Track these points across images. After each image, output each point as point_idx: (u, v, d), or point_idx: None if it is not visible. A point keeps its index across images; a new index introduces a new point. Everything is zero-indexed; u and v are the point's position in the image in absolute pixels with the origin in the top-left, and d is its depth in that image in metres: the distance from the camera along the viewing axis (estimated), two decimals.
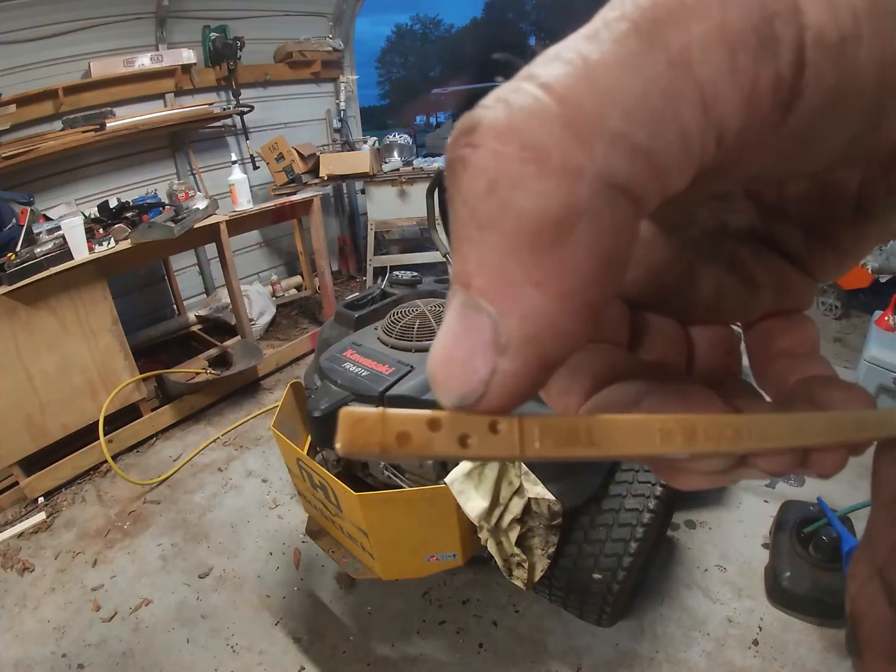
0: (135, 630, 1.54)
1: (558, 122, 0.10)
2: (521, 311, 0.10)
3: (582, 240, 0.10)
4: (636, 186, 0.10)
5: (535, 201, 0.10)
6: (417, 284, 1.78)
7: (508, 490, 1.08)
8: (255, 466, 2.21)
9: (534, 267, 0.10)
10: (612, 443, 0.12)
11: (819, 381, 0.17)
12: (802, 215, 0.17)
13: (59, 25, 2.78)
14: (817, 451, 0.15)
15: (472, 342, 0.11)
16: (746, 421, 0.14)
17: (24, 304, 1.95)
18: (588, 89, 0.10)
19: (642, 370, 0.17)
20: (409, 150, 4.17)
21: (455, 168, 0.11)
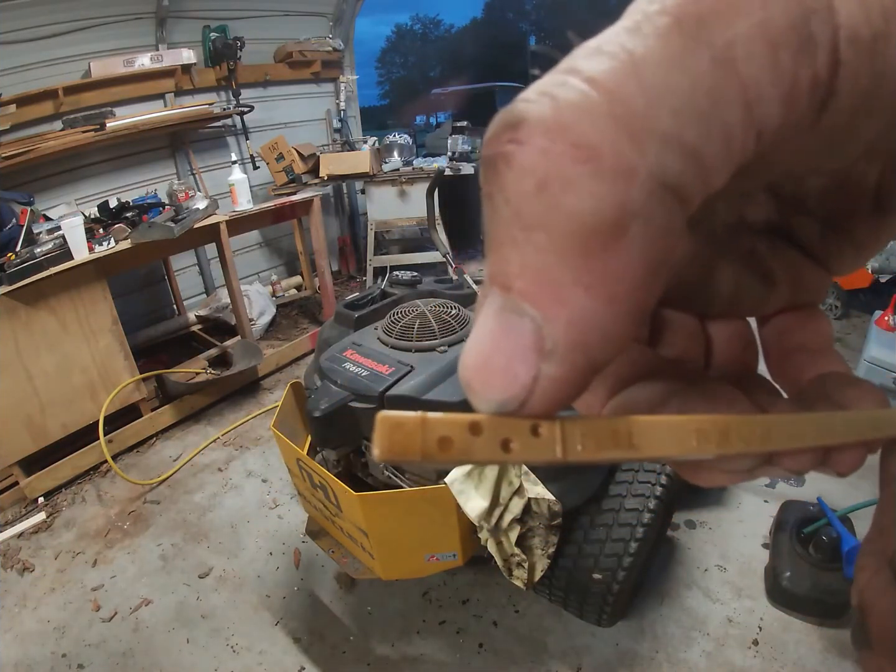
0: (135, 630, 1.54)
1: (609, 120, 0.10)
2: (569, 315, 0.10)
3: (634, 242, 0.10)
4: (686, 187, 0.10)
5: (589, 202, 0.10)
6: (417, 284, 1.78)
7: (508, 490, 1.08)
8: (255, 466, 2.21)
9: (584, 270, 0.10)
10: (650, 444, 0.12)
11: (834, 379, 0.17)
12: (821, 208, 0.17)
13: (59, 25, 2.78)
14: (838, 449, 0.15)
15: (513, 347, 0.11)
16: (775, 421, 0.14)
17: (24, 304, 1.95)
18: (636, 85, 0.10)
19: (663, 367, 0.17)
20: (409, 150, 4.17)
21: (497, 165, 0.10)
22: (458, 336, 1.29)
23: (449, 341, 1.28)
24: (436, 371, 1.17)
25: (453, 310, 1.39)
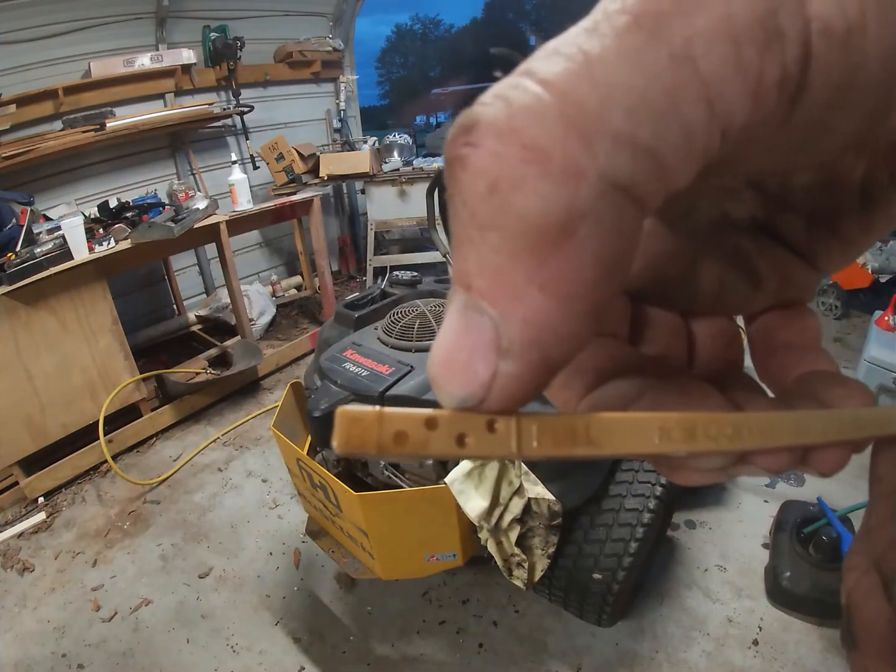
0: (135, 630, 1.54)
1: (559, 121, 0.10)
2: (524, 314, 0.10)
3: (585, 242, 0.10)
4: (640, 186, 0.10)
5: (538, 203, 0.10)
6: (417, 284, 1.78)
7: (508, 490, 1.08)
8: (255, 466, 2.21)
9: (536, 269, 0.10)
10: (610, 442, 0.12)
11: (820, 378, 0.17)
12: (807, 205, 0.17)
13: (59, 25, 2.78)
14: (818, 448, 0.15)
15: (473, 344, 0.11)
16: (746, 419, 0.14)
17: (24, 304, 1.95)
18: (589, 86, 0.10)
19: (643, 364, 0.17)
20: (409, 150, 4.17)
21: (454, 168, 0.11)
22: None
23: None
24: None
25: None
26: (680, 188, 0.11)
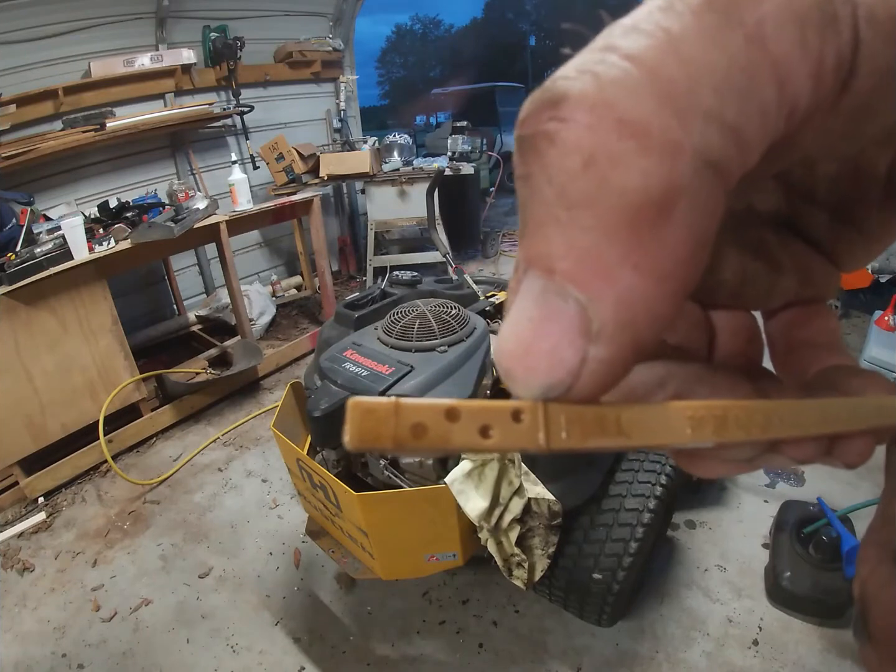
0: (135, 630, 1.54)
1: (653, 96, 0.10)
2: (617, 294, 0.10)
3: (682, 219, 0.10)
4: (727, 163, 0.10)
5: (638, 179, 0.10)
6: (417, 284, 1.78)
7: (508, 490, 1.08)
8: (255, 466, 2.21)
9: (632, 248, 0.10)
10: (641, 432, 0.11)
11: (839, 370, 0.17)
12: (831, 198, 0.17)
13: (59, 25, 2.78)
14: (844, 438, 0.15)
15: (557, 330, 0.10)
16: (776, 407, 0.13)
17: (24, 304, 1.95)
18: (676, 63, 0.10)
19: (665, 352, 0.17)
20: (409, 150, 4.18)
21: (537, 144, 0.10)
22: (458, 336, 1.29)
23: (449, 341, 1.28)
24: (436, 371, 1.17)
25: (453, 310, 1.39)
26: (752, 167, 0.11)
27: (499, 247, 4.84)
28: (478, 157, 4.94)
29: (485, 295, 2.07)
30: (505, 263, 4.50)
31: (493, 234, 4.96)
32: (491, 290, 2.16)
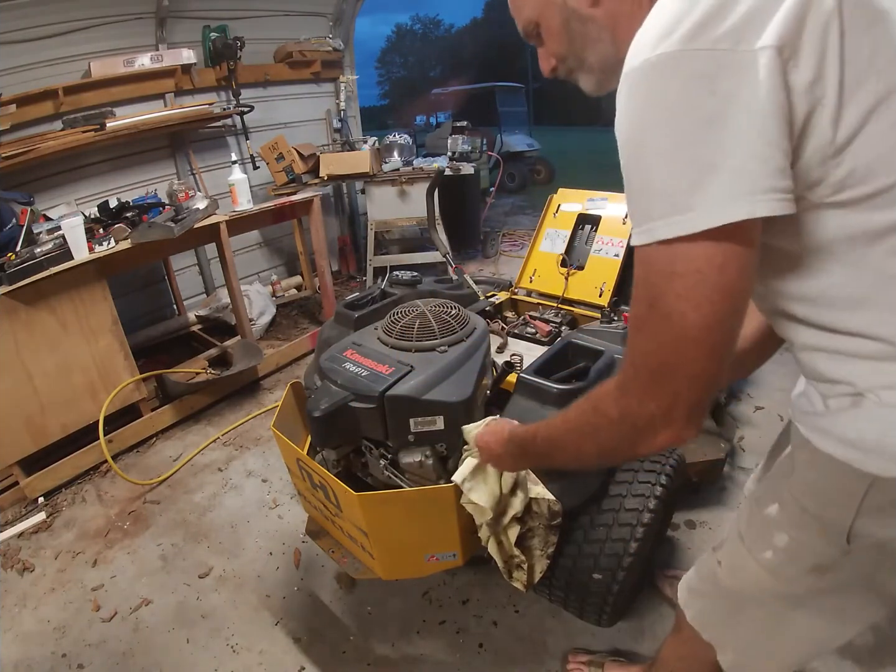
0: (135, 630, 1.54)
1: (488, 456, 0.98)
2: (489, 458, 0.99)
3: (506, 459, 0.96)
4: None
5: (485, 458, 1.02)
6: (417, 284, 1.78)
7: (509, 485, 1.07)
8: (255, 466, 2.21)
9: (496, 461, 0.99)
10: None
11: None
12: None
13: (59, 25, 2.78)
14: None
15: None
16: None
17: (24, 304, 1.95)
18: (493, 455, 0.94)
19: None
20: (409, 150, 4.17)
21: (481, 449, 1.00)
22: (458, 336, 1.29)
23: (449, 341, 1.28)
24: (436, 371, 1.17)
25: (453, 310, 1.39)
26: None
27: (499, 247, 4.84)
28: (478, 157, 4.94)
29: (485, 295, 2.07)
30: (505, 263, 4.50)
31: (493, 234, 4.96)
32: (491, 290, 2.16)
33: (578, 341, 1.36)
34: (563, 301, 2.05)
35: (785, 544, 0.68)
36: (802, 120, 0.47)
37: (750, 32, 0.45)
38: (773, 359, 0.90)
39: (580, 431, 0.66)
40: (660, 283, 0.50)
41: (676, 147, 0.47)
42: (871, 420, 0.55)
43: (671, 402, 0.53)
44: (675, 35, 0.46)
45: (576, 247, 2.18)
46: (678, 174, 0.48)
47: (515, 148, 8.22)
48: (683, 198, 0.47)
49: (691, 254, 0.48)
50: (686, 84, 0.46)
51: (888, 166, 0.48)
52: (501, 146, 8.03)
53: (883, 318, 0.53)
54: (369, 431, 1.20)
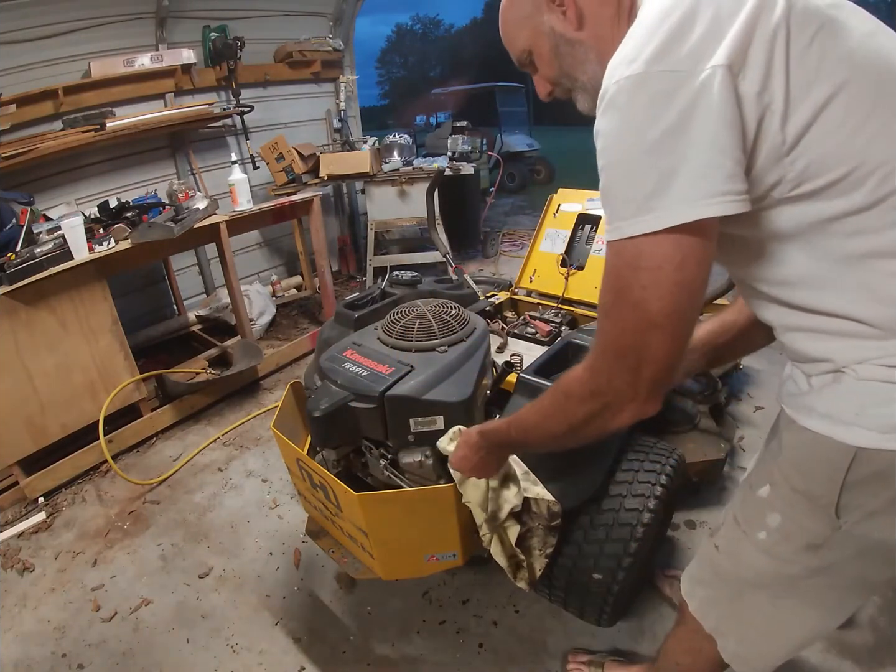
0: (135, 630, 1.54)
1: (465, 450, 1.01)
2: (469, 471, 1.02)
3: (482, 455, 0.98)
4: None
5: (458, 458, 1.02)
6: (417, 284, 1.78)
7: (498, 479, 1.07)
8: (255, 466, 2.21)
9: (468, 466, 1.01)
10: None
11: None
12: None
13: (59, 25, 2.78)
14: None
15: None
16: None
17: (24, 304, 1.95)
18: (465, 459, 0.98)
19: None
20: (409, 150, 4.17)
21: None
22: (458, 336, 1.29)
23: (449, 341, 1.28)
24: (436, 371, 1.17)
25: (453, 310, 1.39)
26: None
27: (499, 247, 4.84)
28: (478, 157, 4.94)
29: (485, 295, 2.07)
30: (505, 263, 4.50)
31: (493, 234, 4.96)
32: (491, 290, 2.16)
33: (578, 341, 1.36)
34: (563, 301, 2.05)
35: (778, 524, 0.70)
36: (755, 127, 0.53)
37: (704, 54, 0.51)
38: (773, 359, 0.91)
39: (552, 415, 0.73)
40: (626, 275, 0.56)
41: (641, 156, 0.53)
42: (850, 394, 0.59)
43: (635, 379, 0.60)
44: (639, 59, 0.53)
45: (576, 247, 2.18)
46: (643, 179, 0.54)
47: (515, 148, 8.23)
48: (647, 200, 0.53)
49: (654, 250, 0.54)
50: (650, 101, 0.52)
51: (838, 160, 0.53)
52: (501, 146, 8.03)
53: (848, 298, 0.57)
54: (369, 431, 1.20)
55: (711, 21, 0.52)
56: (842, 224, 0.55)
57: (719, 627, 0.85)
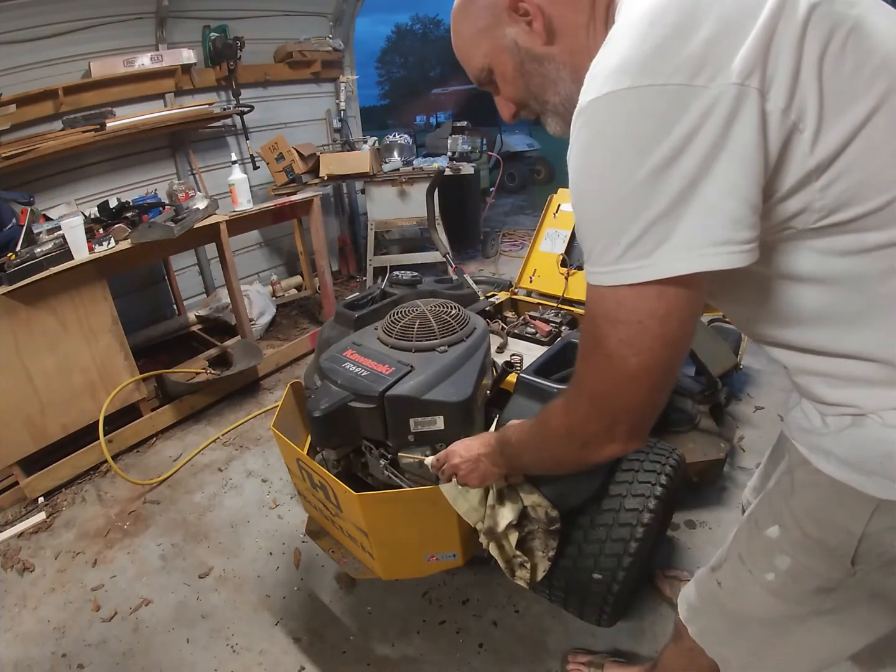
0: (135, 630, 1.54)
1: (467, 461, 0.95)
2: (478, 482, 0.96)
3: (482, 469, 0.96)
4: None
5: (462, 470, 0.96)
6: (417, 284, 1.78)
7: (494, 496, 1.07)
8: (255, 466, 2.21)
9: (472, 478, 0.95)
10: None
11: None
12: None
13: (59, 25, 2.78)
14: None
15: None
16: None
17: (24, 304, 1.95)
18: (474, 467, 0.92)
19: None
20: (409, 150, 4.17)
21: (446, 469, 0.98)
22: (458, 336, 1.29)
23: (449, 341, 1.27)
24: (436, 371, 1.17)
25: (453, 310, 1.39)
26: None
27: (499, 247, 4.84)
28: (478, 157, 4.94)
29: (485, 295, 2.07)
30: (505, 263, 4.50)
31: (493, 234, 4.96)
32: (491, 290, 2.16)
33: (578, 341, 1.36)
34: (563, 301, 2.05)
35: (787, 567, 0.66)
36: (777, 150, 0.44)
37: (712, 63, 0.41)
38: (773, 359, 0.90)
39: (537, 443, 0.72)
40: (604, 326, 0.51)
41: (625, 195, 0.45)
42: (874, 441, 0.53)
43: (611, 425, 0.56)
44: (624, 70, 0.43)
45: (576, 247, 2.18)
46: (626, 222, 0.45)
47: (515, 148, 8.22)
48: (631, 247, 0.45)
49: (635, 304, 0.48)
50: (638, 124, 0.43)
51: (877, 187, 0.45)
52: (501, 146, 8.02)
53: (879, 339, 0.50)
54: (369, 431, 1.20)
55: (718, 21, 0.42)
56: (874, 259, 0.47)
57: (722, 655, 0.82)
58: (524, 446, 0.76)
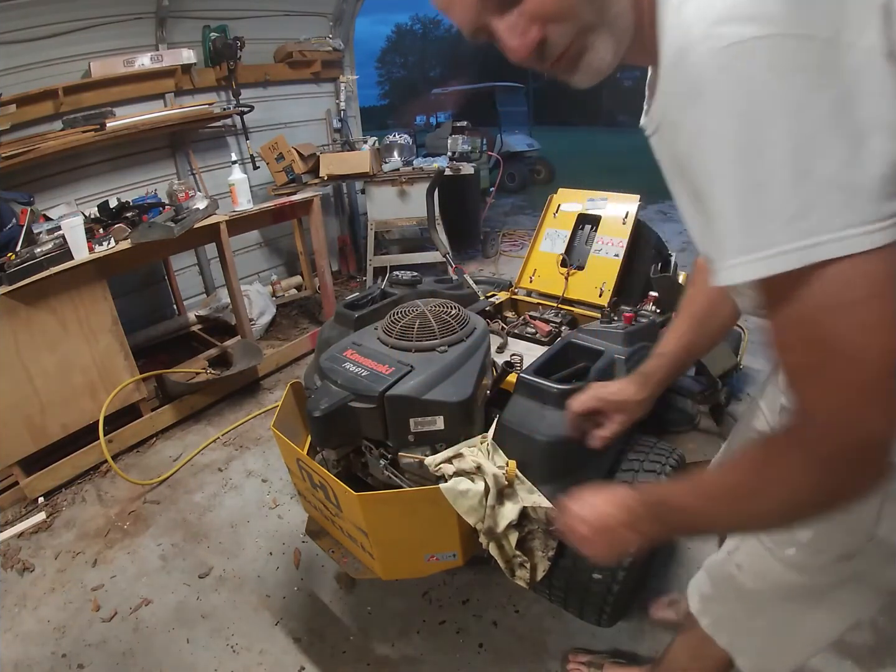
0: (135, 630, 1.54)
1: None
2: (606, 552, 0.68)
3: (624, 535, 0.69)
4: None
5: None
6: (417, 284, 1.78)
7: (495, 497, 1.07)
8: (255, 466, 2.21)
9: (607, 545, 0.68)
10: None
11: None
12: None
13: (59, 25, 2.78)
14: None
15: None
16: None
17: (24, 304, 1.95)
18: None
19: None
20: (409, 150, 4.17)
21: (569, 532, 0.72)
22: (458, 336, 1.29)
23: (449, 341, 1.27)
24: (436, 371, 1.17)
25: (453, 310, 1.39)
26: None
27: (499, 247, 4.84)
28: (478, 157, 4.94)
29: (485, 295, 2.07)
30: (505, 263, 4.50)
31: (493, 234, 4.96)
32: (491, 290, 2.16)
33: (578, 341, 1.36)
34: (563, 301, 2.05)
35: (809, 539, 0.67)
36: None
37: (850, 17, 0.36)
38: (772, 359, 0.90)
39: (743, 503, 0.51)
40: (828, 318, 0.40)
41: (822, 129, 0.37)
42: None
43: (868, 443, 0.43)
44: (759, 13, 0.36)
45: (576, 247, 2.18)
46: (827, 167, 0.37)
47: (515, 148, 8.22)
48: (852, 198, 0.37)
49: (874, 274, 0.38)
50: (803, 72, 0.36)
51: None
52: (501, 146, 8.02)
53: None
54: (369, 431, 1.20)
55: None
56: None
57: (736, 643, 0.82)
58: (712, 508, 0.55)
